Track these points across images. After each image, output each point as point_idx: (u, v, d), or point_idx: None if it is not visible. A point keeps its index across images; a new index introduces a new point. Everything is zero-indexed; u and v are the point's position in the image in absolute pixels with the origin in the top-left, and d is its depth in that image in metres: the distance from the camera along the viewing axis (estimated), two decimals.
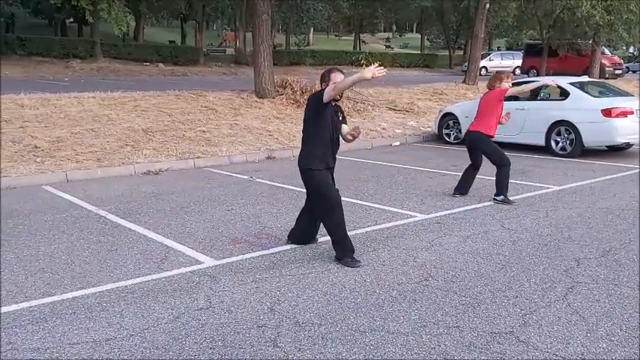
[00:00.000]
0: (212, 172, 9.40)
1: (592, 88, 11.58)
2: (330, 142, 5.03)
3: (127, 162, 9.45)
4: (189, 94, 14.36)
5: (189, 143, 10.82)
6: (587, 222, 6.26)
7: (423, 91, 18.75)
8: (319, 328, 3.71)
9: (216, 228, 6.08)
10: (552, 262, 4.97)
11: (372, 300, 4.16)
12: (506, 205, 6.99)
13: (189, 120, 12.30)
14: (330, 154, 5.07)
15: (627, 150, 11.26)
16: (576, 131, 10.46)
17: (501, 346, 3.47)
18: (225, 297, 4.22)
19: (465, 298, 4.19)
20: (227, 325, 3.76)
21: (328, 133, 5.00)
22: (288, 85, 15.11)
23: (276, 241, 5.60)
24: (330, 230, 4.96)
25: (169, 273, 4.73)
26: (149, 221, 6.35)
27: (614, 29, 22.66)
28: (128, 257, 5.14)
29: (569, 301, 4.13)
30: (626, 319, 3.83)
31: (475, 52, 22.43)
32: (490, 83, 7.34)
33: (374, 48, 58.87)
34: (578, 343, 3.50)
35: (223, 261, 5.02)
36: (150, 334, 3.65)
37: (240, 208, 6.96)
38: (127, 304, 4.12)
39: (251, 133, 12.02)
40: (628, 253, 5.20)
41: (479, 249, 5.36)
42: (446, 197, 7.44)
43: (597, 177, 8.75)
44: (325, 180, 5.02)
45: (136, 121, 11.70)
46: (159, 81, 23.49)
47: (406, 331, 3.67)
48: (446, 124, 12.73)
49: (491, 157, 7.26)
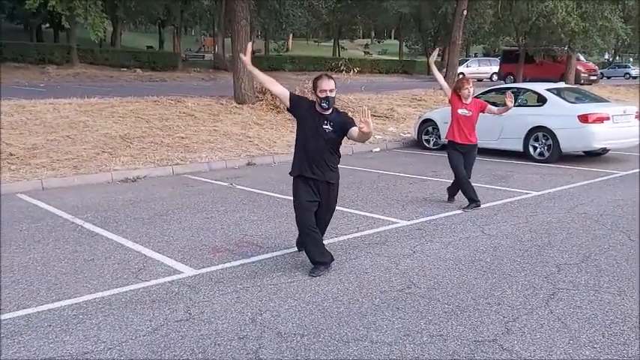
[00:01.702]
0: (191, 179, 9.30)
1: (569, 94, 11.71)
2: (304, 150, 4.80)
3: (104, 169, 9.31)
4: (167, 100, 14.23)
5: (168, 150, 10.70)
6: (567, 227, 6.30)
7: (402, 97, 18.83)
8: (302, 339, 3.65)
9: (195, 236, 5.99)
10: (533, 268, 4.98)
11: (354, 309, 4.12)
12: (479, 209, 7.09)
13: (168, 126, 12.17)
14: (307, 164, 4.78)
15: (604, 155, 11.40)
16: (554, 137, 10.57)
17: (485, 354, 3.45)
18: (206, 308, 4.15)
19: (448, 306, 4.17)
20: (207, 337, 3.69)
21: (302, 140, 4.84)
22: (268, 91, 14.99)
23: (257, 249, 5.53)
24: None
25: (148, 283, 4.64)
26: (127, 230, 6.24)
27: (589, 36, 23.03)
28: (105, 267, 5.03)
29: (551, 308, 4.13)
30: (608, 325, 3.84)
31: (453, 58, 22.62)
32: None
33: (353, 54, 59.10)
34: (561, 350, 3.50)
35: (203, 270, 4.94)
36: (128, 347, 3.57)
37: (220, 215, 6.88)
38: (104, 315, 4.03)
39: (230, 139, 11.94)
40: (607, 259, 5.23)
41: (460, 255, 5.35)
42: (427, 203, 7.44)
43: (575, 182, 8.84)
44: (297, 190, 4.85)
45: (113, 127, 11.54)
46: (136, 87, 23.27)
47: (390, 340, 3.63)
48: (425, 130, 12.78)
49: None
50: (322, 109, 4.73)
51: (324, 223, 5.09)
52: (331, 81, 4.72)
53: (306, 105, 4.89)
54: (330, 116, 4.77)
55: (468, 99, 7.13)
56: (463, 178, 7.15)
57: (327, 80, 4.71)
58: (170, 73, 34.85)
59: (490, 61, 41.87)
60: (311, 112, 4.81)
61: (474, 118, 7.15)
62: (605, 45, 26.00)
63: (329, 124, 4.74)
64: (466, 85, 7.14)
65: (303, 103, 4.93)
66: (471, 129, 7.17)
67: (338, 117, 4.81)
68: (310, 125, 4.79)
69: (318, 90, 4.70)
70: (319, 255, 4.84)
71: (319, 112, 4.76)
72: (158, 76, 32.05)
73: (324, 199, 4.89)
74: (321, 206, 4.91)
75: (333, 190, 4.92)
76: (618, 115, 10.64)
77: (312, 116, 4.80)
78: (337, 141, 4.85)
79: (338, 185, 5.00)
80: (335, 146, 4.86)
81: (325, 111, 4.75)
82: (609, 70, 49.83)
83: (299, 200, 4.84)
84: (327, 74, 4.86)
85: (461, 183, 7.20)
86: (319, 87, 4.68)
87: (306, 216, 4.80)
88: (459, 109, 7.17)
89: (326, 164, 4.81)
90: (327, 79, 4.72)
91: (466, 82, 7.20)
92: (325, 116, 4.75)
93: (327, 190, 4.88)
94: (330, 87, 4.67)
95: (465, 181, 7.16)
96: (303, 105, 4.90)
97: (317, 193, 4.84)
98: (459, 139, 7.19)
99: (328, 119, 4.75)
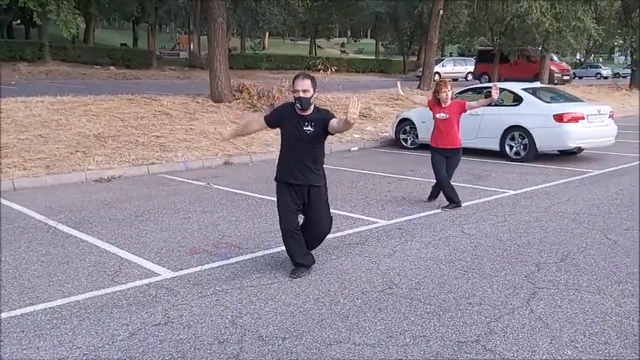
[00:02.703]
0: (167, 179, 9.16)
1: (544, 93, 11.83)
2: (286, 156, 4.72)
3: (78, 169, 9.12)
4: (142, 98, 14.01)
5: (143, 149, 10.53)
6: (544, 226, 6.34)
7: (379, 97, 18.84)
8: (283, 342, 3.59)
9: (172, 237, 5.89)
10: (513, 268, 4.99)
11: (336, 310, 4.07)
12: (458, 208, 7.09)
13: (143, 125, 11.98)
14: (289, 169, 4.68)
15: (578, 154, 11.53)
16: (530, 136, 10.66)
17: (468, 355, 3.43)
18: (184, 311, 4.06)
19: (430, 306, 4.15)
20: (187, 341, 3.61)
21: (284, 146, 4.75)
22: (245, 90, 14.94)
23: (236, 250, 5.45)
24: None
25: (124, 286, 4.53)
26: (102, 231, 6.11)
27: (562, 36, 23.34)
28: (80, 270, 4.90)
29: (532, 308, 4.14)
30: (589, 324, 3.85)
31: (429, 57, 22.73)
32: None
33: (329, 53, 59.14)
34: (543, 350, 3.50)
35: (181, 272, 4.84)
36: (105, 353, 3.47)
37: (197, 216, 6.78)
38: (79, 320, 3.91)
39: (207, 138, 11.80)
40: (586, 257, 5.27)
41: (440, 255, 5.34)
42: (406, 203, 7.43)
43: (551, 181, 8.92)
44: (280, 194, 4.76)
45: (86, 126, 11.32)
46: (110, 84, 22.93)
47: (372, 342, 3.59)
48: (403, 130, 12.80)
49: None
50: (298, 109, 4.60)
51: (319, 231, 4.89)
52: (306, 80, 4.54)
53: (287, 110, 4.73)
54: (310, 116, 4.61)
55: (446, 102, 7.09)
56: (443, 180, 7.15)
57: (301, 80, 4.54)
58: (144, 71, 34.42)
59: (465, 60, 42.20)
60: (291, 115, 4.65)
61: (453, 120, 7.09)
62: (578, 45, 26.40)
63: (309, 125, 4.58)
64: (443, 88, 7.08)
65: (282, 112, 4.77)
66: (451, 132, 7.10)
67: (319, 115, 4.65)
68: (289, 130, 4.67)
69: (294, 88, 4.56)
70: (301, 257, 4.78)
71: (299, 115, 4.61)
72: (132, 74, 31.61)
73: (312, 203, 4.74)
74: (310, 210, 4.77)
75: (318, 193, 4.77)
76: (593, 114, 10.78)
77: (291, 120, 4.64)
78: (320, 140, 4.72)
79: (325, 188, 4.86)
80: (318, 147, 4.73)
81: (303, 111, 4.60)
82: (581, 70, 50.68)
83: (282, 203, 4.75)
84: (305, 73, 4.71)
85: (441, 185, 7.20)
86: (294, 87, 4.56)
87: (290, 218, 4.71)
88: (437, 114, 7.15)
89: (309, 168, 4.67)
90: (301, 79, 4.55)
91: (443, 86, 7.14)
92: (305, 117, 4.60)
93: (312, 194, 4.73)
94: (304, 87, 4.49)
95: (445, 184, 7.16)
96: (283, 113, 4.75)
97: (300, 197, 4.73)
98: (441, 144, 7.17)
99: (308, 120, 4.59)
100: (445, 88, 7.08)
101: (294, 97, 4.56)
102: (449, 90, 7.08)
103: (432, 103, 7.24)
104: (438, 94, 7.11)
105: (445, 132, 7.11)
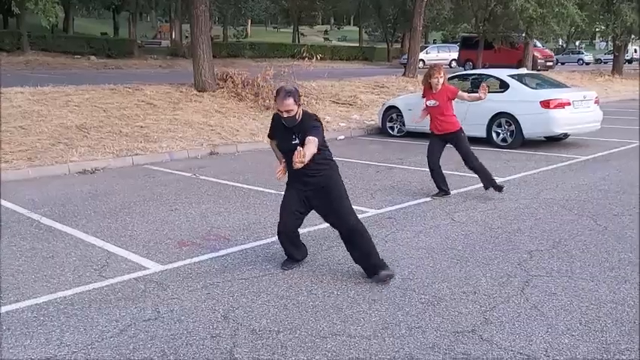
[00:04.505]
0: (152, 170, 9.02)
1: (530, 80, 11.81)
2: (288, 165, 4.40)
3: (61, 161, 8.94)
4: (124, 88, 13.79)
5: (127, 139, 10.36)
6: (535, 213, 6.33)
7: (365, 84, 18.75)
8: (277, 335, 3.53)
9: (160, 230, 5.78)
10: (506, 256, 4.96)
11: (330, 302, 4.01)
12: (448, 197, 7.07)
13: (126, 115, 11.80)
14: (295, 177, 4.46)
15: (564, 140, 11.56)
16: (516, 123, 10.64)
17: (465, 345, 3.39)
18: (175, 305, 3.97)
19: (424, 296, 4.11)
20: (178, 337, 3.53)
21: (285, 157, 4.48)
22: (229, 78, 14.76)
23: (226, 242, 5.37)
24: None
25: (112, 281, 4.43)
26: (87, 224, 5.98)
27: (546, 22, 23.36)
28: (66, 265, 4.79)
29: (527, 296, 4.11)
30: (584, 312, 3.83)
31: (414, 45, 22.62)
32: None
33: (312, 40, 58.78)
34: (540, 339, 3.47)
35: (170, 266, 4.75)
36: (94, 351, 3.38)
37: (184, 207, 6.67)
38: (67, 317, 3.81)
39: (192, 127, 11.65)
40: (577, 244, 5.26)
41: (432, 244, 5.30)
42: (395, 191, 7.38)
43: (539, 167, 8.92)
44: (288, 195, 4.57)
45: (68, 117, 11.12)
46: (91, 74, 22.60)
47: (368, 334, 3.54)
48: (389, 117, 12.73)
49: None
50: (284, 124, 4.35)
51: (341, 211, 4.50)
52: (288, 100, 4.18)
53: (276, 122, 4.47)
54: (296, 127, 4.31)
55: (437, 88, 6.98)
56: (433, 168, 7.09)
57: (283, 99, 4.19)
58: (126, 60, 33.97)
59: (449, 47, 42.21)
60: (280, 127, 4.41)
61: (442, 106, 6.97)
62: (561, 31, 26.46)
63: (297, 138, 4.29)
64: (436, 74, 6.94)
65: (274, 125, 4.52)
66: (442, 117, 7.01)
67: (303, 125, 4.30)
68: (281, 143, 4.48)
69: (276, 107, 4.30)
70: (296, 252, 4.72)
71: (286, 127, 4.35)
72: (113, 63, 31.19)
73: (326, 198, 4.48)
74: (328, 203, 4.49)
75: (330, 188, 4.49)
76: (578, 100, 10.79)
77: (281, 132, 4.43)
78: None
79: (334, 179, 4.54)
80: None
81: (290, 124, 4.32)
82: (563, 57, 51.01)
83: (286, 205, 4.57)
84: (286, 89, 4.27)
85: (432, 173, 7.13)
86: (276, 105, 4.28)
87: (291, 220, 4.56)
88: (427, 101, 7.08)
89: (312, 171, 4.35)
90: (283, 98, 4.19)
91: (437, 71, 6.98)
92: (292, 129, 4.33)
93: (324, 192, 4.48)
94: (287, 107, 4.19)
95: (435, 172, 7.10)
96: (275, 126, 4.51)
97: (307, 202, 4.53)
98: (435, 130, 7.13)
99: (295, 132, 4.31)
100: (438, 74, 6.94)
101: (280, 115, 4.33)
102: (441, 77, 6.94)
103: (426, 89, 7.15)
104: (429, 79, 6.99)
105: (439, 118, 7.03)
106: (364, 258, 4.44)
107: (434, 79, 6.94)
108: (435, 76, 6.94)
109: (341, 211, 4.49)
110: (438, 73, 6.95)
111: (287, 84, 4.43)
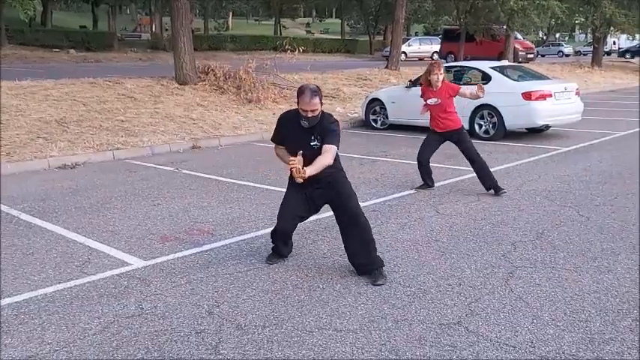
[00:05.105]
0: (133, 164, 8.91)
1: (512, 72, 11.86)
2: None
3: (40, 156, 8.79)
4: (104, 82, 13.63)
5: (108, 134, 10.23)
6: (517, 204, 6.36)
7: (347, 77, 18.73)
8: (263, 331, 3.50)
9: (142, 225, 5.71)
10: (490, 247, 4.98)
11: (316, 296, 3.99)
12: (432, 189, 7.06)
13: (106, 109, 11.65)
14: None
15: (545, 132, 11.64)
16: (499, 114, 10.69)
17: (451, 337, 3.39)
18: (158, 301, 3.92)
19: (410, 289, 4.10)
20: (162, 333, 3.48)
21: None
22: (211, 71, 14.65)
23: (209, 237, 5.31)
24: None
25: (94, 277, 4.37)
26: (68, 220, 5.89)
27: (526, 14, 23.50)
28: (47, 261, 4.71)
29: (512, 287, 4.12)
30: (568, 302, 3.85)
31: (396, 37, 22.64)
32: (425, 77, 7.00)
33: (294, 33, 58.55)
34: (525, 330, 3.48)
35: (153, 261, 4.69)
36: (76, 348, 3.32)
37: (167, 202, 6.60)
38: (48, 314, 3.75)
39: (173, 121, 11.54)
40: (560, 235, 5.29)
41: (417, 236, 5.30)
42: (379, 184, 7.37)
43: (521, 159, 8.97)
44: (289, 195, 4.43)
45: (47, 111, 10.95)
46: (71, 68, 22.28)
47: (354, 327, 3.52)
48: (373, 110, 12.73)
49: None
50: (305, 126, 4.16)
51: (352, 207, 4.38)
52: (315, 99, 4.04)
53: (289, 122, 4.27)
54: (316, 127, 4.16)
55: (437, 85, 6.78)
56: (422, 162, 7.04)
57: (310, 99, 4.03)
58: (105, 53, 33.57)
59: (431, 40, 42.32)
60: (295, 127, 4.21)
61: (444, 104, 6.80)
62: (542, 23, 26.63)
63: (316, 139, 4.15)
64: (436, 70, 6.75)
65: (284, 126, 4.33)
66: (444, 115, 6.84)
67: (322, 125, 4.16)
68: (296, 144, 4.18)
69: (299, 106, 4.12)
70: (285, 249, 4.69)
71: (304, 128, 4.17)
72: (93, 56, 30.82)
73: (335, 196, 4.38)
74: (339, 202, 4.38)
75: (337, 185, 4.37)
76: (560, 92, 10.88)
77: (295, 133, 4.22)
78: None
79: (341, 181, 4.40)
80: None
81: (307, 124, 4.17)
82: (543, 49, 51.39)
83: (288, 207, 4.43)
84: (311, 88, 4.10)
85: (419, 165, 7.08)
86: (300, 104, 4.10)
87: (290, 225, 4.51)
88: (428, 100, 6.88)
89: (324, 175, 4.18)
90: (310, 97, 4.03)
91: (437, 67, 6.80)
92: (311, 130, 4.16)
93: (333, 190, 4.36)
94: (313, 107, 4.04)
95: (423, 166, 7.04)
96: (287, 124, 4.29)
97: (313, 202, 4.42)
98: (436, 128, 6.99)
99: (315, 133, 4.16)
100: (438, 70, 6.75)
101: (301, 114, 4.12)
102: (441, 73, 6.77)
103: (425, 88, 6.94)
104: (429, 75, 6.80)
105: (440, 116, 6.85)
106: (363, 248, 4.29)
107: (433, 75, 6.76)
108: (434, 72, 6.75)
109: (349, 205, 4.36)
110: (438, 70, 6.77)
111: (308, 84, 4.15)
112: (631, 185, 7.14)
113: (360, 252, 4.32)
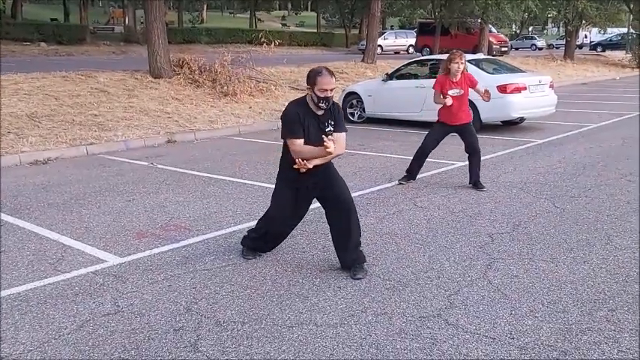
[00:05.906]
0: (107, 159, 8.77)
1: (487, 65, 11.93)
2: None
3: (11, 151, 8.60)
4: (76, 75, 13.36)
5: (80, 128, 10.05)
6: (494, 197, 6.41)
7: None
8: (242, 327, 3.46)
9: (117, 221, 5.62)
10: (468, 239, 5.00)
11: (295, 291, 3.96)
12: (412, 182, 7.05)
13: (79, 103, 11.44)
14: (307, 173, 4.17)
15: (520, 124, 11.75)
16: (474, 108, 10.69)
17: (431, 330, 3.40)
18: (135, 299, 3.86)
19: (389, 282, 4.10)
20: (140, 331, 3.42)
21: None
22: (186, 65, 14.47)
23: (186, 232, 5.25)
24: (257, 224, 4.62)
25: (68, 275, 4.28)
26: (40, 217, 5.77)
27: (500, 8, 23.68)
28: (19, 259, 4.60)
29: (490, 279, 4.15)
30: (546, 293, 3.89)
31: (372, 30, 22.62)
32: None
33: (270, 26, 58.25)
34: (504, 321, 3.50)
35: (129, 258, 4.61)
36: (51, 348, 3.24)
37: (142, 197, 6.50)
38: (21, 314, 3.66)
39: (148, 115, 11.38)
40: (536, 226, 5.34)
41: (396, 229, 5.30)
42: (357, 177, 7.36)
43: (496, 152, 9.04)
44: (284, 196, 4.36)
45: (18, 105, 10.70)
46: (42, 61, 21.83)
47: (335, 322, 3.51)
48: (350, 104, 12.71)
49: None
50: (319, 108, 4.09)
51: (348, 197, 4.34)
52: (332, 78, 4.07)
53: (302, 108, 4.14)
54: (326, 114, 4.14)
55: (457, 75, 6.56)
56: (426, 153, 7.00)
57: (328, 77, 4.02)
58: (78, 46, 32.96)
59: (406, 33, 42.44)
60: (308, 117, 4.12)
61: (465, 95, 6.68)
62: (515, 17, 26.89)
63: (329, 125, 4.14)
64: (457, 59, 6.49)
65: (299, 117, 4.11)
66: (464, 107, 6.73)
67: (333, 111, 4.18)
68: (313, 134, 4.11)
69: (317, 87, 4.00)
70: (266, 247, 4.64)
71: (318, 115, 4.12)
72: (65, 50, 30.23)
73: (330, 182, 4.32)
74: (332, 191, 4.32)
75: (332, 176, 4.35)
76: (534, 85, 10.98)
77: (313, 120, 4.13)
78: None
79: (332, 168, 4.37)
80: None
81: (321, 110, 4.11)
82: (517, 42, 51.88)
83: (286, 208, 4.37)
84: (328, 69, 4.10)
85: (418, 157, 7.00)
86: (319, 84, 3.99)
87: (284, 229, 4.52)
88: (449, 91, 6.57)
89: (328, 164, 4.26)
90: (328, 76, 4.02)
91: (458, 56, 6.54)
92: (325, 116, 4.14)
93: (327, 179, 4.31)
94: (332, 86, 4.03)
95: (423, 156, 7.00)
96: (302, 115, 4.12)
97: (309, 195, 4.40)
98: (448, 121, 6.80)
99: (327, 118, 4.15)
100: (460, 60, 6.50)
101: (318, 96, 4.02)
102: (462, 62, 6.49)
103: (442, 79, 6.66)
104: (449, 64, 6.54)
105: (459, 108, 6.68)
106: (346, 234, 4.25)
107: (454, 64, 6.48)
108: (455, 60, 6.48)
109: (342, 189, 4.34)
110: (460, 59, 6.50)
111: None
112: (604, 176, 7.24)
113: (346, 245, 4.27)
